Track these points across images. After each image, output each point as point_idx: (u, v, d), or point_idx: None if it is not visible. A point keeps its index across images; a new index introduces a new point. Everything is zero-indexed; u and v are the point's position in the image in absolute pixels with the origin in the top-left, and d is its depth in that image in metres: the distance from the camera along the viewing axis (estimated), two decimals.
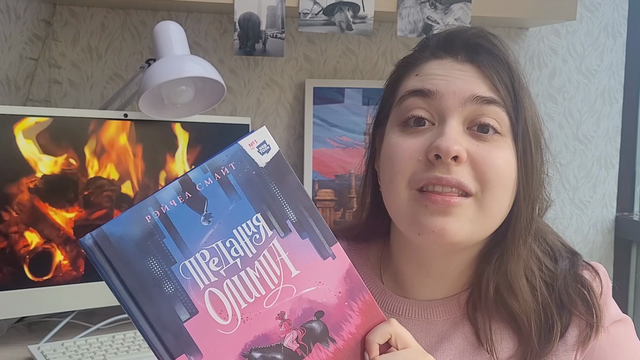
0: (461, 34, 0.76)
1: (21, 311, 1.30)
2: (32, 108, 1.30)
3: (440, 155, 0.69)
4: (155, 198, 0.60)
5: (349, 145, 1.67)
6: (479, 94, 0.71)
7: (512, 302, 0.75)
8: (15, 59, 1.42)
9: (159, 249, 0.59)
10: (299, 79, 1.68)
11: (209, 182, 0.61)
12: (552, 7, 1.55)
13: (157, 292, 0.59)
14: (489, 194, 0.71)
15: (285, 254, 0.62)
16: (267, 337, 0.61)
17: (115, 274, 0.59)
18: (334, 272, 0.63)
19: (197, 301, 0.60)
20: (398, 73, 0.80)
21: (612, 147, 1.83)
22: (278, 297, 0.62)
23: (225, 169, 0.62)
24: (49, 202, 1.28)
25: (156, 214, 0.59)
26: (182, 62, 1.27)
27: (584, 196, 1.82)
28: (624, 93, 1.82)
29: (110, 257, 0.59)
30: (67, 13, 1.56)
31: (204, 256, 0.60)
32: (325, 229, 0.64)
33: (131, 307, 0.59)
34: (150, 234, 0.59)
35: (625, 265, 1.83)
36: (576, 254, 0.81)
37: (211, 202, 0.61)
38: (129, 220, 0.59)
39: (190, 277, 0.60)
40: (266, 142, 0.63)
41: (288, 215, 0.63)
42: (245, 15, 1.44)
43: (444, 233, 0.70)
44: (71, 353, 1.21)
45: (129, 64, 1.60)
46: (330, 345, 0.63)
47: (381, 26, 1.70)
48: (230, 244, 0.61)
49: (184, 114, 1.39)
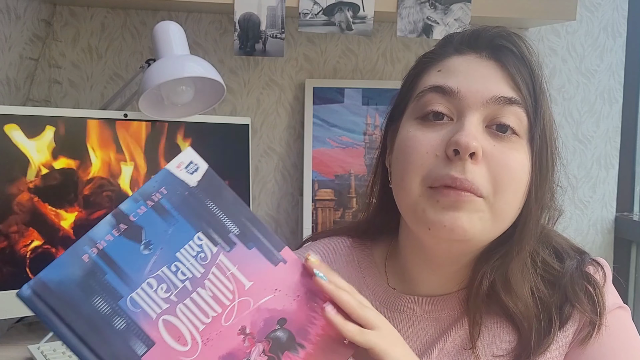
0: (486, 32, 0.76)
1: (21, 311, 1.30)
2: (32, 108, 1.30)
3: (459, 150, 0.69)
4: (89, 236, 0.59)
5: (349, 145, 1.67)
6: (501, 94, 0.71)
7: (508, 300, 0.75)
8: (15, 59, 1.42)
9: (103, 286, 0.57)
10: (298, 79, 1.69)
11: (142, 210, 0.60)
12: (552, 7, 1.55)
13: (109, 330, 0.57)
14: (500, 196, 0.71)
15: (235, 267, 0.61)
16: (233, 355, 0.59)
17: (62, 321, 0.57)
18: (288, 277, 0.62)
19: (152, 332, 0.58)
20: (419, 69, 0.79)
21: (611, 147, 1.83)
22: (236, 312, 0.60)
23: (156, 194, 0.61)
24: (49, 202, 1.28)
25: (93, 251, 0.58)
26: (182, 62, 1.27)
27: (584, 196, 1.82)
28: (624, 93, 1.82)
29: (52, 304, 0.57)
30: (67, 13, 1.56)
31: (151, 285, 0.59)
32: (270, 236, 0.63)
33: (84, 353, 0.57)
34: (91, 272, 0.58)
35: (625, 265, 1.84)
36: (584, 252, 0.81)
37: (148, 229, 0.59)
38: (66, 263, 0.58)
39: (140, 308, 0.58)
40: (193, 162, 0.63)
41: (230, 229, 0.62)
42: (245, 15, 1.44)
43: (455, 228, 0.70)
44: (71, 353, 1.21)
45: (129, 64, 1.60)
46: (300, 351, 0.61)
47: (381, 26, 1.70)
48: (176, 267, 0.60)
49: (184, 114, 1.39)
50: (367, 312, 0.62)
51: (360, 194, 1.67)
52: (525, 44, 0.75)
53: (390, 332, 0.63)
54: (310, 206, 1.61)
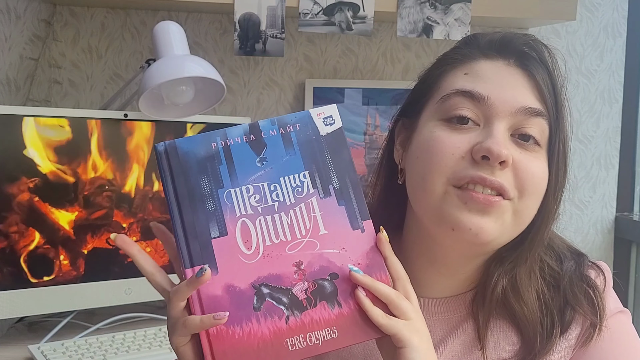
0: (516, 39, 0.75)
1: (21, 311, 1.30)
2: (32, 108, 1.30)
3: (490, 157, 0.69)
4: (225, 131, 0.67)
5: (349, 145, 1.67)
6: (529, 105, 0.72)
7: (515, 304, 0.75)
8: (16, 59, 1.42)
9: (214, 171, 0.66)
10: (299, 79, 1.69)
11: (273, 133, 0.68)
12: (552, 7, 1.55)
13: (200, 206, 0.65)
14: (524, 201, 0.71)
15: (320, 212, 0.67)
16: (280, 278, 0.65)
17: (172, 180, 0.66)
18: (359, 244, 0.67)
19: (230, 225, 0.65)
20: (442, 68, 0.78)
21: (612, 147, 1.83)
22: (301, 247, 0.66)
23: (290, 126, 0.69)
24: (49, 202, 1.28)
25: (221, 143, 0.67)
26: (182, 62, 1.27)
27: (584, 196, 1.82)
28: (624, 93, 1.82)
29: (173, 164, 0.66)
30: (67, 13, 1.56)
31: (249, 190, 0.66)
32: (362, 204, 0.68)
33: (174, 211, 0.65)
34: (211, 157, 0.66)
35: (625, 265, 1.84)
36: (582, 254, 0.81)
37: (270, 149, 0.68)
38: (199, 142, 0.67)
39: (231, 203, 0.66)
40: (332, 117, 0.70)
41: (332, 181, 0.68)
42: (245, 15, 1.44)
43: (480, 232, 0.70)
44: (71, 353, 1.21)
45: (129, 64, 1.60)
46: (335, 307, 0.65)
47: (381, 26, 1.70)
48: (275, 188, 0.67)
49: (184, 114, 1.39)
50: (402, 303, 0.65)
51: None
52: (551, 55, 0.76)
53: (420, 326, 0.66)
54: None
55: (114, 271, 1.35)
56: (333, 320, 0.65)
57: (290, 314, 0.64)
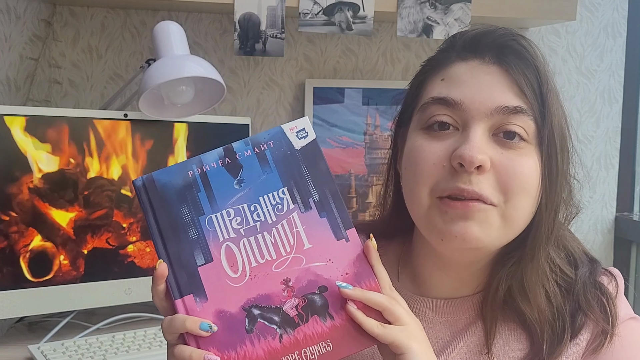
0: (489, 35, 0.74)
1: (21, 311, 1.30)
2: (32, 108, 1.30)
3: (464, 164, 0.68)
4: (200, 158, 0.68)
5: (349, 145, 1.67)
6: (506, 104, 0.70)
7: (524, 306, 0.74)
8: (16, 59, 1.42)
9: (193, 200, 0.67)
10: (299, 79, 1.69)
11: (248, 153, 0.69)
12: (552, 7, 1.55)
13: (183, 235, 0.66)
14: (512, 203, 0.70)
15: (302, 227, 0.67)
16: (269, 298, 0.65)
17: (153, 213, 0.67)
18: (344, 254, 0.67)
19: (214, 251, 0.66)
20: (423, 76, 0.78)
21: (611, 147, 1.83)
22: (287, 264, 0.66)
23: (264, 145, 0.69)
24: (49, 202, 1.28)
25: (197, 170, 0.68)
26: (182, 62, 1.27)
27: (584, 196, 1.82)
28: (624, 93, 1.82)
29: (152, 198, 0.67)
30: (67, 13, 1.56)
31: (229, 214, 0.67)
32: (344, 213, 0.68)
33: (158, 243, 0.66)
34: (189, 186, 0.67)
35: (625, 265, 1.84)
36: (596, 261, 0.80)
37: (246, 170, 0.68)
38: (175, 172, 0.68)
39: (213, 229, 0.67)
40: (305, 130, 0.71)
41: (312, 194, 0.68)
42: (245, 15, 1.44)
43: (466, 237, 0.70)
44: (71, 353, 1.21)
45: (129, 64, 1.60)
46: (328, 320, 0.65)
47: (381, 26, 1.70)
48: (255, 208, 0.68)
49: (184, 114, 1.39)
50: (396, 309, 0.65)
51: (360, 194, 1.68)
52: (529, 44, 0.74)
53: (416, 330, 0.66)
54: None
55: (114, 271, 1.35)
56: (326, 333, 0.65)
57: (283, 332, 0.64)
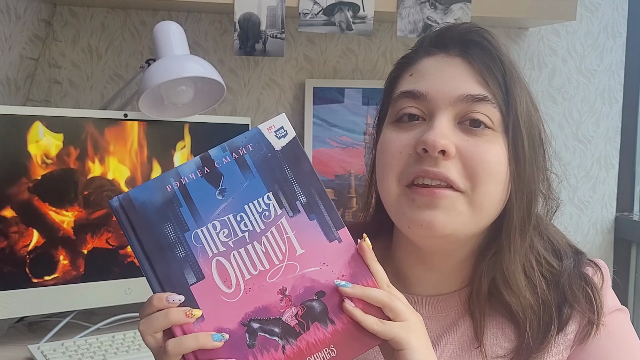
0: (452, 29, 0.77)
1: (21, 311, 1.30)
2: (32, 108, 1.30)
3: (427, 149, 0.70)
4: (177, 170, 0.65)
5: (349, 145, 1.67)
6: (469, 93, 0.72)
7: (509, 297, 0.75)
8: (16, 59, 1.42)
9: (176, 216, 0.64)
10: (299, 79, 1.69)
11: (226, 160, 0.65)
12: (552, 7, 1.55)
13: (170, 254, 0.63)
14: (479, 189, 0.71)
15: (292, 232, 0.65)
16: (267, 310, 0.63)
17: (135, 235, 0.63)
18: (338, 255, 0.65)
19: (205, 268, 0.63)
20: (395, 73, 0.81)
21: (611, 147, 1.83)
22: (281, 273, 0.64)
23: (242, 149, 0.66)
24: (49, 202, 1.28)
25: (176, 184, 0.64)
26: (182, 62, 1.27)
27: (584, 196, 1.82)
28: (624, 93, 1.82)
29: (132, 219, 0.64)
30: (67, 13, 1.56)
31: (215, 227, 0.64)
32: (334, 213, 0.66)
33: (145, 266, 0.63)
34: (169, 202, 0.64)
35: (625, 265, 1.84)
36: (581, 252, 0.81)
37: (227, 178, 0.65)
38: (152, 188, 0.64)
39: (201, 244, 0.64)
40: (284, 128, 0.68)
41: (298, 196, 0.66)
42: (245, 15, 1.44)
43: (432, 226, 0.70)
44: (71, 353, 1.21)
45: (129, 64, 1.60)
46: (329, 326, 0.64)
47: (381, 26, 1.70)
48: (241, 218, 0.65)
49: (184, 114, 1.39)
50: (397, 304, 0.65)
51: (360, 194, 1.67)
52: (492, 36, 0.76)
53: (416, 325, 0.65)
54: None
55: (114, 271, 1.35)
56: (329, 339, 0.64)
57: (286, 342, 0.63)
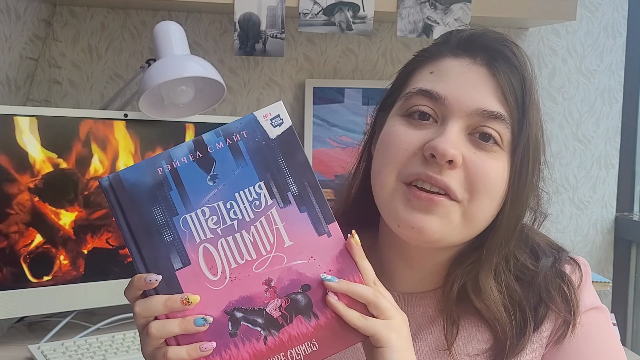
0: (484, 36, 0.75)
1: (21, 311, 1.30)
2: (32, 108, 1.30)
3: (436, 156, 0.69)
4: (169, 153, 0.64)
5: (349, 145, 1.67)
6: (487, 108, 0.71)
7: (479, 304, 0.74)
8: (16, 59, 1.42)
9: (165, 199, 0.63)
10: (299, 79, 1.69)
11: (220, 146, 0.64)
12: (552, 7, 1.55)
13: (157, 238, 0.63)
14: (475, 202, 0.71)
15: (282, 224, 0.64)
16: (251, 300, 0.63)
17: (123, 216, 0.63)
18: (327, 250, 0.65)
19: (191, 253, 0.63)
20: (413, 66, 0.79)
21: (611, 147, 1.83)
22: (268, 264, 0.64)
23: (237, 135, 0.65)
24: (49, 202, 1.28)
25: (167, 167, 0.63)
26: (182, 62, 1.27)
27: (584, 196, 1.82)
28: (624, 93, 1.82)
29: (121, 199, 0.63)
30: (67, 13, 1.56)
31: (204, 213, 0.63)
32: (324, 207, 0.65)
33: (132, 247, 0.63)
34: (160, 184, 0.63)
35: (625, 265, 1.83)
36: (562, 250, 0.80)
37: (219, 164, 0.64)
38: (143, 169, 0.63)
39: (189, 230, 0.63)
40: (280, 116, 0.66)
41: (290, 187, 0.65)
42: (245, 15, 1.44)
43: (423, 231, 0.70)
44: (71, 353, 1.21)
45: (129, 64, 1.60)
46: (312, 320, 0.64)
47: (381, 26, 1.70)
48: (231, 205, 0.64)
49: (184, 114, 1.39)
50: (382, 302, 0.64)
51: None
52: (522, 54, 0.74)
53: (399, 325, 0.65)
54: None
55: (114, 271, 1.35)
56: (311, 333, 0.63)
57: (268, 334, 0.63)
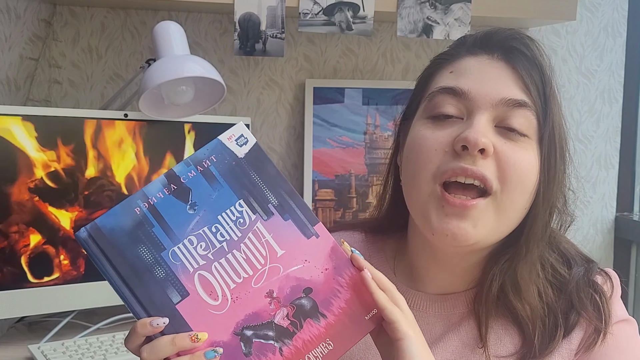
0: (499, 34, 0.77)
1: (21, 311, 1.30)
2: (32, 108, 1.30)
3: (468, 146, 0.69)
4: (144, 191, 0.64)
5: (349, 145, 1.67)
6: (511, 97, 0.72)
7: (516, 303, 0.75)
8: (16, 59, 1.42)
9: (149, 237, 0.63)
10: (299, 79, 1.69)
11: (192, 174, 0.65)
12: (552, 7, 1.55)
13: (149, 277, 0.62)
14: (507, 194, 0.71)
15: (270, 235, 0.65)
16: (258, 315, 0.64)
17: (109, 263, 0.62)
18: (318, 250, 0.66)
19: (188, 284, 0.63)
20: (432, 69, 0.80)
21: (611, 147, 1.83)
22: (266, 277, 0.64)
23: (206, 161, 0.66)
24: (49, 202, 1.28)
25: (144, 205, 0.64)
26: (182, 62, 1.27)
27: (584, 196, 1.82)
28: (624, 93, 1.82)
29: (103, 247, 0.62)
30: (67, 13, 1.56)
31: (192, 242, 0.64)
32: (306, 210, 0.67)
33: (125, 293, 0.62)
34: (140, 224, 0.63)
35: (625, 265, 1.84)
36: (592, 261, 0.81)
37: (195, 192, 0.65)
38: (120, 213, 0.63)
39: (180, 261, 0.63)
40: (244, 136, 0.68)
41: (269, 199, 0.66)
42: (245, 15, 1.44)
43: (457, 237, 0.71)
44: (71, 353, 1.21)
45: (129, 64, 1.60)
46: (321, 320, 0.64)
47: (381, 26, 1.70)
48: (216, 229, 0.65)
49: (184, 114, 1.39)
50: (398, 294, 0.66)
51: (360, 193, 1.67)
52: (537, 46, 0.76)
53: (413, 320, 0.66)
54: (310, 206, 1.61)
55: None
56: (324, 333, 0.64)
57: (282, 344, 0.63)
